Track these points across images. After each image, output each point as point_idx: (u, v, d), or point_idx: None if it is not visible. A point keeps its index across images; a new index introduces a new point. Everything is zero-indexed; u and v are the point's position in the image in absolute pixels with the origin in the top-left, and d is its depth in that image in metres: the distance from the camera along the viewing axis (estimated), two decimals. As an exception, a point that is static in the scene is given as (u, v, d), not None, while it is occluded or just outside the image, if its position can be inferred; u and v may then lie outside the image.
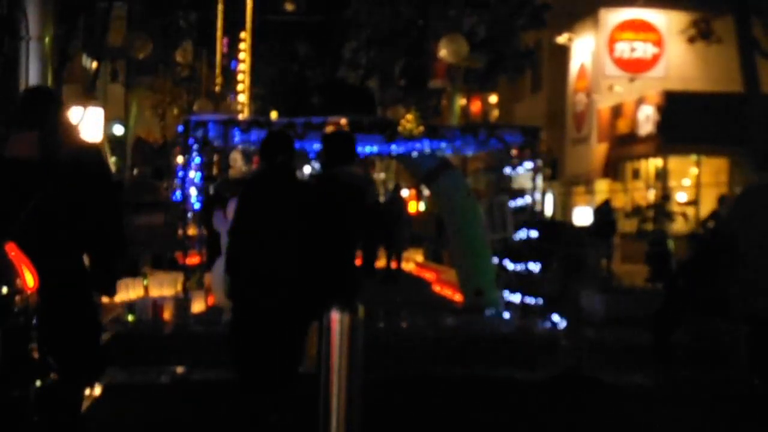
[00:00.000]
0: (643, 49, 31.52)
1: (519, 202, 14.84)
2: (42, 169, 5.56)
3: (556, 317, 12.95)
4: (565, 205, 34.78)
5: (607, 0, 31.97)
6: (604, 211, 24.85)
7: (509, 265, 14.77)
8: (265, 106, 52.55)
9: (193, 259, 16.90)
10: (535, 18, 28.85)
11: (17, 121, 5.78)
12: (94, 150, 5.97)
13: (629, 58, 31.58)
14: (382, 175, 51.38)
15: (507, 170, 15.04)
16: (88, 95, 25.70)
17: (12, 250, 5.34)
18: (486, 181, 27.93)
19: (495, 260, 14.96)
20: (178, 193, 15.64)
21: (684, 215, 25.31)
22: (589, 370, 9.58)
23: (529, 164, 14.73)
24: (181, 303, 13.54)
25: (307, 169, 38.99)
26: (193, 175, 15.25)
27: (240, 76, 40.05)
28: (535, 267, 14.43)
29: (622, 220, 26.41)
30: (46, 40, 10.88)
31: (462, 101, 33.17)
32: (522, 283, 14.53)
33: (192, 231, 16.89)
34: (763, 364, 6.90)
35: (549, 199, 34.01)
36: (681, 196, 28.39)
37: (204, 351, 11.03)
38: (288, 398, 7.02)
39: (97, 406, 8.04)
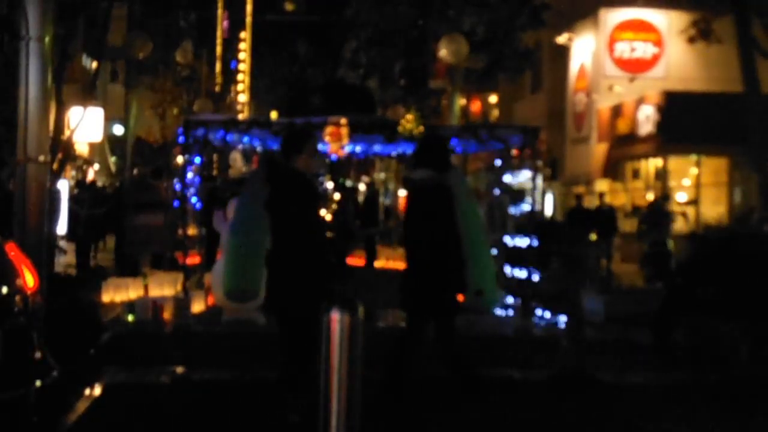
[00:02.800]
0: (643, 49, 31.53)
1: (523, 207, 14.87)
2: None
3: (556, 317, 12.96)
4: (565, 205, 34.77)
5: (607, 0, 31.97)
6: (606, 211, 24.88)
7: (508, 270, 14.80)
8: (265, 105, 52.54)
9: (193, 259, 16.90)
10: (535, 18, 28.84)
11: None
12: None
13: (629, 58, 31.59)
14: (382, 175, 51.38)
15: (507, 173, 15.09)
16: (88, 95, 25.68)
17: (12, 250, 5.34)
18: (486, 181, 27.93)
19: (496, 265, 15.01)
20: (178, 193, 15.65)
21: (684, 215, 25.34)
22: (589, 370, 9.58)
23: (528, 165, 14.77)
24: (181, 303, 13.55)
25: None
26: (193, 175, 15.26)
27: (240, 76, 40.06)
28: (535, 275, 14.48)
29: (621, 220, 26.43)
30: (46, 40, 10.87)
31: (462, 101, 33.13)
32: (522, 287, 14.56)
33: (192, 231, 16.89)
34: None
35: (549, 199, 34.04)
36: (681, 196, 28.40)
37: (204, 351, 11.04)
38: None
39: (97, 406, 8.04)
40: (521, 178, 16.24)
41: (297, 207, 7.44)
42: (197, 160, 15.30)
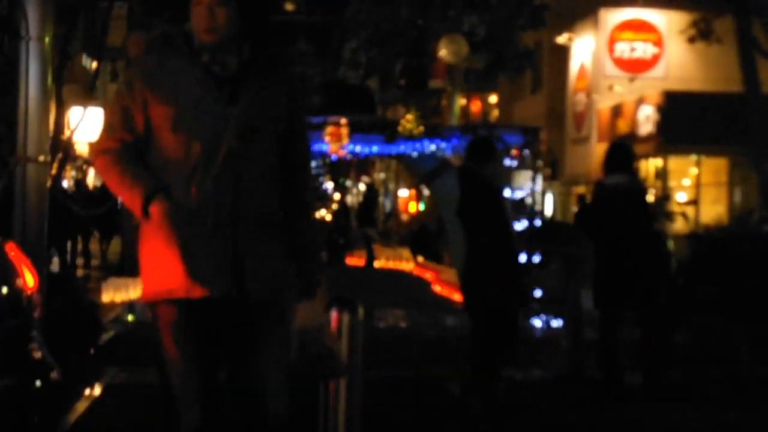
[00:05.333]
0: (643, 49, 31.52)
1: (517, 194, 14.89)
2: None
3: (556, 317, 12.96)
4: (565, 205, 34.78)
5: (607, 0, 31.98)
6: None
7: None
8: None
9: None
10: (535, 18, 28.84)
11: None
12: None
13: (629, 58, 31.58)
14: (382, 175, 51.37)
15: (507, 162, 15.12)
16: (88, 95, 25.67)
17: (12, 250, 5.34)
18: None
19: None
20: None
21: (684, 215, 25.34)
22: (589, 370, 9.57)
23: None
24: (181, 303, 13.54)
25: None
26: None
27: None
28: (535, 259, 14.47)
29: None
30: (46, 40, 10.88)
31: (462, 101, 33.14)
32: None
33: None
34: None
35: (549, 199, 34.03)
36: (681, 196, 28.39)
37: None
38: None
39: (97, 406, 8.04)
40: (521, 179, 16.23)
41: (489, 211, 8.01)
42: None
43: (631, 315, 9.31)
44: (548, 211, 33.18)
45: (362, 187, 40.51)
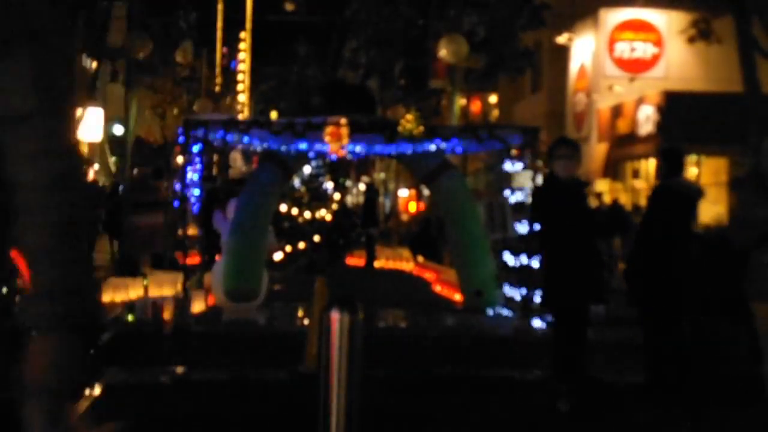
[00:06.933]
0: (643, 49, 31.52)
1: (518, 195, 14.88)
2: None
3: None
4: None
5: (607, 0, 31.98)
6: (614, 211, 24.86)
7: (509, 260, 14.79)
8: (266, 105, 52.53)
9: (193, 259, 16.87)
10: (535, 18, 28.84)
11: None
12: None
13: (629, 58, 31.59)
14: (382, 175, 51.37)
15: (507, 166, 15.11)
16: (88, 95, 25.68)
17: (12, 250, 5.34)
18: (486, 181, 27.94)
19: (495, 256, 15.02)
20: (178, 193, 15.65)
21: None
22: (589, 370, 9.57)
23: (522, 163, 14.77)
24: (181, 303, 13.56)
25: (306, 169, 38.83)
26: (193, 175, 15.25)
27: (240, 76, 40.00)
28: (535, 262, 14.45)
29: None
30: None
31: (462, 101, 33.14)
32: (522, 277, 14.55)
33: (192, 231, 16.87)
34: None
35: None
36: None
37: (204, 351, 11.03)
38: None
39: (97, 406, 8.04)
40: (521, 179, 16.24)
41: (561, 209, 8.19)
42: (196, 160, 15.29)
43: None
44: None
45: (362, 187, 40.47)
